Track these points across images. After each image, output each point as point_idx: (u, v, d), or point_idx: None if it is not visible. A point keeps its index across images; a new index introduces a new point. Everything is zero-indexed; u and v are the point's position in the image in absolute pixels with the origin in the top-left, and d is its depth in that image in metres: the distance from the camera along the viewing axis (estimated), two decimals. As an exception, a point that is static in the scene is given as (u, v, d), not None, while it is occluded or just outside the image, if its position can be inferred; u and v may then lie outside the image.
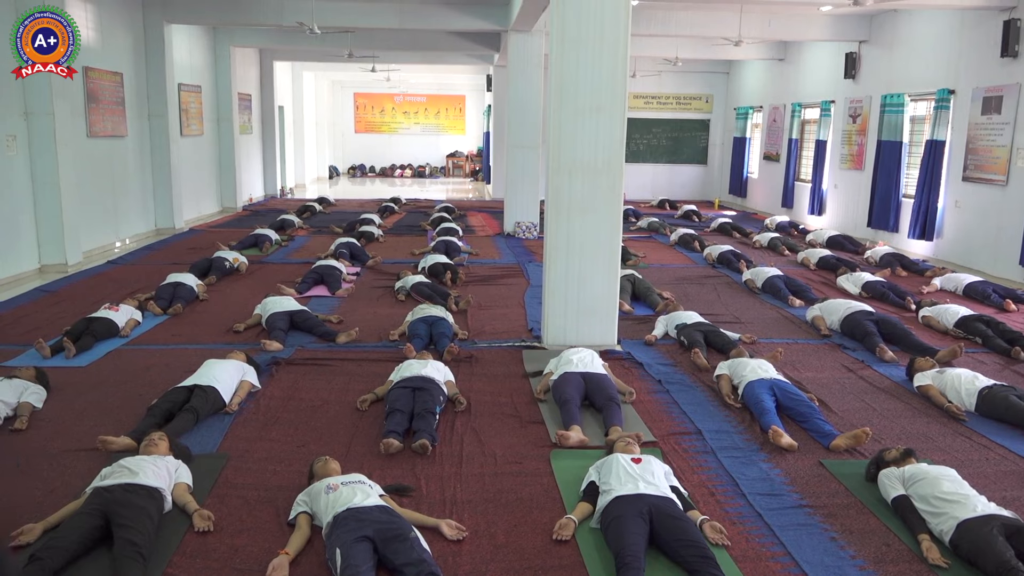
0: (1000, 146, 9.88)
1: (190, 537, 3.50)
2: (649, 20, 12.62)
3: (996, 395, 5.04)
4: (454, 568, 3.30)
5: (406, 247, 11.61)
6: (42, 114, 9.09)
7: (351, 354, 6.22)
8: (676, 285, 9.04)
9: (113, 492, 3.48)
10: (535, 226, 12.77)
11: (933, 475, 3.73)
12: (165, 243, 11.79)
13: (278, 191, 19.87)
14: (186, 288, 7.86)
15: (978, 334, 6.79)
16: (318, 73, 24.87)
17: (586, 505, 3.70)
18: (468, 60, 18.70)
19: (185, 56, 13.89)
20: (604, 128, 6.09)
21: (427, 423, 4.56)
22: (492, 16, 12.76)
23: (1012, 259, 9.65)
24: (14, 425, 4.64)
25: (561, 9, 5.98)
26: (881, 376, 5.92)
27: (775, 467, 4.31)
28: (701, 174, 20.17)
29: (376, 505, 3.42)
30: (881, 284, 8.51)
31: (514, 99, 12.65)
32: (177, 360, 5.92)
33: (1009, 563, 3.14)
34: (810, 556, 3.43)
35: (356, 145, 28.78)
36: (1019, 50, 9.57)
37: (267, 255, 10.79)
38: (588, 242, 6.26)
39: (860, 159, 13.32)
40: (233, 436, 4.62)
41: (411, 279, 8.40)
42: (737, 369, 5.39)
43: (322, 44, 15.05)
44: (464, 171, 28.48)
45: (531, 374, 5.80)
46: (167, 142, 12.64)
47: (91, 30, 10.52)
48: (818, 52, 15.01)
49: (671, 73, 18.99)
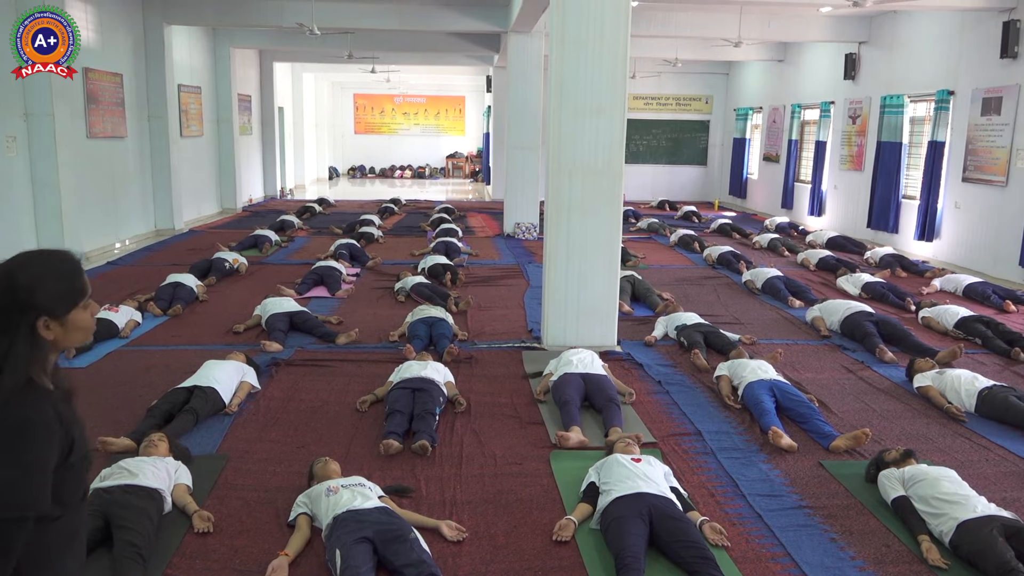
0: (1000, 147, 9.89)
1: (190, 538, 3.50)
2: (649, 21, 12.63)
3: (996, 396, 5.04)
4: (454, 569, 3.30)
5: (406, 248, 11.61)
6: (42, 115, 9.09)
7: (351, 355, 6.22)
8: (676, 286, 9.04)
9: (113, 493, 3.48)
10: (535, 227, 12.77)
11: (933, 476, 3.73)
12: (165, 244, 11.80)
13: (278, 192, 19.88)
14: (186, 289, 7.86)
15: (978, 335, 6.79)
16: (318, 74, 24.88)
17: (586, 506, 3.70)
18: (468, 61, 18.71)
19: (185, 57, 13.89)
20: (604, 129, 6.09)
21: (427, 424, 4.56)
22: (492, 17, 12.76)
23: (1012, 260, 9.65)
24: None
25: (561, 10, 5.98)
26: (881, 377, 5.92)
27: (775, 468, 4.31)
28: (701, 175, 20.18)
29: (376, 506, 3.42)
30: (881, 285, 8.51)
31: (514, 100, 12.65)
32: (177, 361, 5.92)
33: (1009, 564, 3.14)
34: (810, 557, 3.43)
35: (356, 146, 28.80)
36: (1019, 51, 9.57)
37: (267, 256, 10.79)
38: (588, 243, 6.26)
39: (860, 160, 13.33)
40: (233, 437, 4.62)
41: (411, 280, 8.40)
42: (737, 370, 5.39)
43: (322, 45, 15.05)
44: (464, 172, 28.50)
45: (531, 375, 5.80)
46: (167, 143, 12.64)
47: (91, 31, 10.52)
48: (818, 53, 15.02)
49: (671, 74, 19.00)
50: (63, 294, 1.76)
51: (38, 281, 1.72)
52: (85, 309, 1.81)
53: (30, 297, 1.71)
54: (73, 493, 1.79)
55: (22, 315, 1.71)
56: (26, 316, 1.71)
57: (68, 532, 1.81)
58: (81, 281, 1.80)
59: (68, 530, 1.80)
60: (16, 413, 1.67)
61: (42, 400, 1.72)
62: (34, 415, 1.68)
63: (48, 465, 1.70)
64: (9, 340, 1.69)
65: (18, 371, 1.69)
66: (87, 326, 1.82)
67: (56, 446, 1.71)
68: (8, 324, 1.70)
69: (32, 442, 1.67)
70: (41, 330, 1.73)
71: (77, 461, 1.77)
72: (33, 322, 1.72)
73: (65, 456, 1.74)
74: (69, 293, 1.77)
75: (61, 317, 1.75)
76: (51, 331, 1.75)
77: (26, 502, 1.66)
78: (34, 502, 1.67)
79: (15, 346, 1.69)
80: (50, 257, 1.80)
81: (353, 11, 12.60)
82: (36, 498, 1.67)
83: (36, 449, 1.67)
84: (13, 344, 1.69)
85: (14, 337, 1.70)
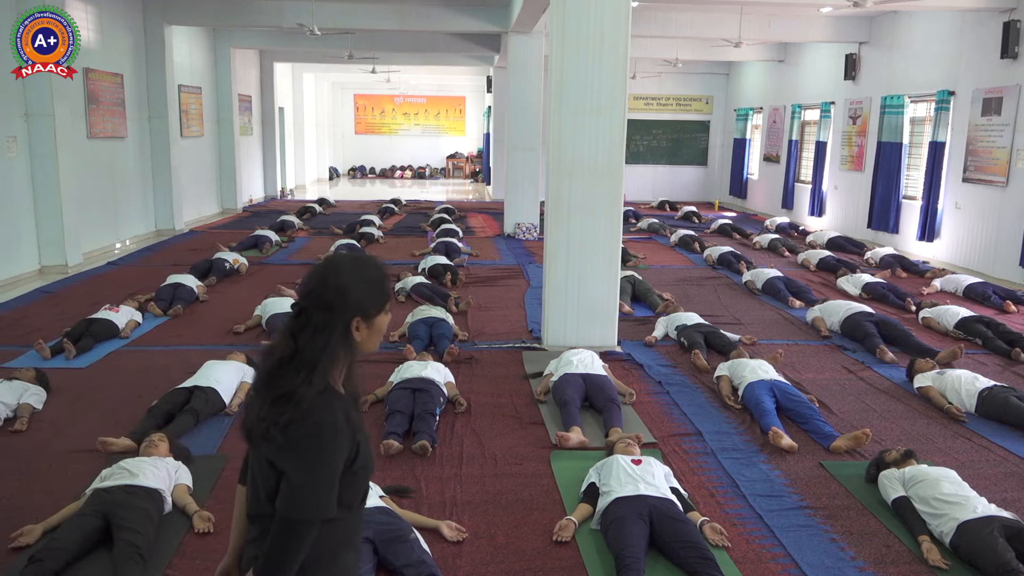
0: (1000, 147, 9.89)
1: (190, 538, 3.50)
2: (649, 21, 12.63)
3: (996, 396, 5.04)
4: (454, 569, 3.30)
5: (406, 248, 11.61)
6: (42, 115, 9.09)
7: (351, 355, 6.21)
8: (676, 286, 9.04)
9: (113, 493, 3.48)
10: (535, 227, 12.77)
11: (933, 476, 3.73)
12: (165, 244, 11.80)
13: (278, 192, 19.88)
14: (186, 289, 7.87)
15: (978, 335, 6.79)
16: (318, 74, 24.87)
17: (586, 506, 3.70)
18: (468, 61, 18.70)
19: (185, 57, 13.90)
20: (604, 129, 6.09)
21: (427, 424, 4.56)
22: (492, 17, 12.76)
23: (1012, 260, 9.65)
24: (14, 426, 4.64)
25: (561, 11, 5.98)
26: (881, 377, 5.92)
27: (775, 468, 4.31)
28: (701, 175, 20.17)
29: (376, 506, 3.42)
30: (881, 285, 8.51)
31: (514, 100, 12.65)
32: (177, 361, 5.92)
33: (1009, 564, 3.14)
34: (810, 557, 3.43)
35: (356, 146, 28.79)
36: (1019, 51, 9.57)
37: (267, 256, 10.79)
38: (588, 243, 6.26)
39: (860, 160, 13.33)
40: (233, 437, 4.61)
41: (411, 280, 8.40)
42: (737, 370, 5.39)
43: (322, 45, 15.05)
44: (464, 172, 28.49)
45: (531, 375, 5.80)
46: (167, 143, 12.65)
47: (91, 31, 10.52)
48: (818, 53, 15.02)
49: (671, 74, 18.99)
50: (376, 296, 1.81)
51: (356, 282, 1.77)
52: (387, 314, 1.86)
53: (349, 297, 1.75)
54: (354, 497, 1.83)
55: (341, 314, 1.75)
56: (344, 315, 1.75)
57: (347, 535, 1.85)
58: (388, 285, 1.87)
59: (346, 533, 1.85)
60: (313, 417, 1.70)
61: (336, 404, 1.75)
62: (329, 419, 1.72)
63: (337, 470, 1.73)
64: (325, 338, 1.73)
65: (327, 371, 1.74)
66: (383, 331, 1.87)
67: (344, 452, 1.75)
68: (327, 322, 1.74)
69: (326, 447, 1.71)
70: (353, 331, 1.77)
71: (360, 469, 1.80)
72: (349, 322, 1.76)
73: (351, 462, 1.77)
74: (381, 296, 1.83)
75: (372, 319, 1.80)
76: (360, 332, 1.79)
77: (317, 506, 1.70)
78: (324, 506, 1.71)
79: (330, 344, 1.74)
80: (363, 260, 1.85)
81: (353, 11, 12.61)
82: (326, 502, 1.72)
83: (328, 454, 1.71)
84: (328, 342, 1.74)
85: (330, 336, 1.74)
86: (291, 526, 1.70)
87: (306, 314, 1.75)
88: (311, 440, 1.69)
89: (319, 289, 1.76)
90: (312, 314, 1.74)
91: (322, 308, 1.74)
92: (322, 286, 1.75)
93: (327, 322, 1.73)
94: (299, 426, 1.69)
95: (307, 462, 1.69)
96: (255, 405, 1.76)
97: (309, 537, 1.71)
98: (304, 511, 1.70)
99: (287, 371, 1.72)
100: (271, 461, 1.74)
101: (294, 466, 1.70)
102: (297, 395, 1.69)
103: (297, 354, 1.72)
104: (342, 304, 1.75)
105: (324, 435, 1.70)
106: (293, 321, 1.77)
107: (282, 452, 1.71)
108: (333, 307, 1.74)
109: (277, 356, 1.74)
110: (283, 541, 1.70)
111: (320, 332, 1.73)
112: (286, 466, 1.71)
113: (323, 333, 1.73)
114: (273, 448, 1.72)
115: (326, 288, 1.75)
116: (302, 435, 1.69)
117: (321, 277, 1.77)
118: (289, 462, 1.71)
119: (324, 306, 1.74)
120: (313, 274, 1.80)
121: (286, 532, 1.70)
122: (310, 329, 1.73)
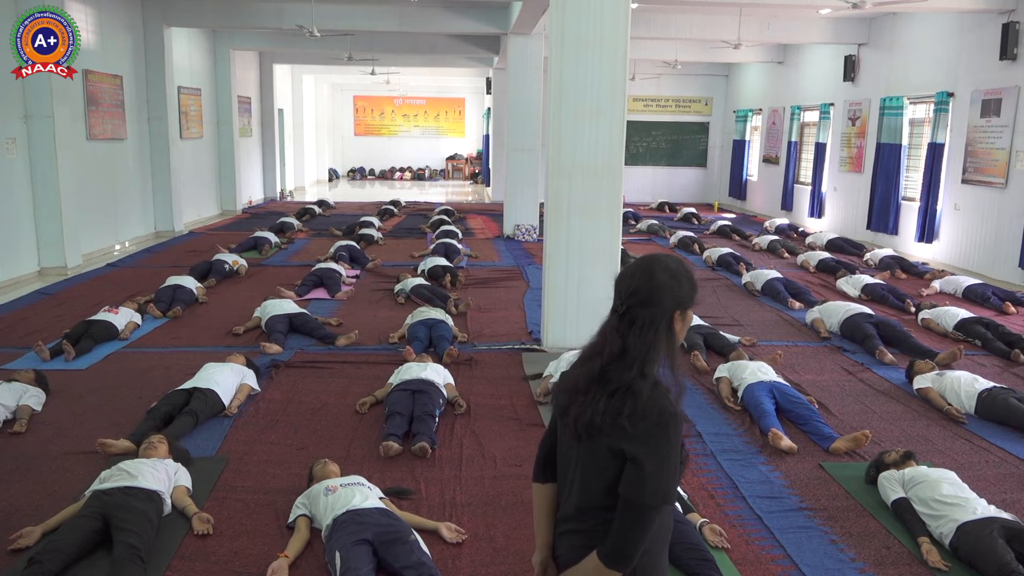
0: (999, 148, 9.89)
1: (189, 540, 3.49)
2: (648, 23, 12.64)
3: (996, 398, 5.04)
4: (454, 571, 3.30)
5: (406, 250, 11.61)
6: (42, 117, 9.10)
7: (350, 357, 6.22)
8: (676, 288, 9.03)
9: (112, 495, 3.48)
10: (535, 229, 12.78)
11: (933, 478, 3.73)
12: (165, 246, 11.80)
13: (278, 194, 19.88)
14: (185, 291, 7.86)
15: (978, 337, 6.79)
16: (318, 76, 24.89)
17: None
18: (468, 63, 18.72)
19: (185, 59, 13.90)
20: (604, 131, 6.09)
21: (427, 426, 4.55)
22: (491, 19, 12.77)
23: (1011, 261, 9.66)
24: (13, 428, 4.64)
25: (561, 12, 5.98)
26: (881, 379, 5.92)
27: (775, 470, 4.31)
28: (700, 177, 20.18)
29: (376, 507, 3.42)
30: (881, 287, 8.51)
31: (514, 102, 12.66)
32: (176, 363, 5.92)
33: (1009, 565, 3.14)
34: (810, 559, 3.43)
35: (356, 148, 28.80)
36: (1018, 53, 9.58)
37: (267, 258, 10.79)
38: (588, 245, 6.26)
39: (859, 162, 13.33)
40: (232, 439, 4.61)
41: (411, 282, 8.39)
42: (737, 371, 5.39)
43: (322, 47, 15.06)
44: (464, 174, 28.50)
45: (531, 377, 5.80)
46: (167, 145, 12.65)
47: (91, 33, 10.52)
48: (817, 55, 15.03)
49: (670, 76, 19.00)
50: (691, 289, 1.89)
51: (672, 278, 1.86)
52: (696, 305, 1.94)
53: (671, 293, 1.85)
54: (676, 487, 1.92)
55: (665, 309, 1.83)
56: (667, 310, 1.83)
57: (669, 526, 1.96)
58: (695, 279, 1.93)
59: (669, 524, 1.96)
60: (657, 407, 1.78)
61: (669, 394, 1.82)
62: (671, 408, 1.80)
63: (677, 459, 1.81)
64: (652, 333, 1.81)
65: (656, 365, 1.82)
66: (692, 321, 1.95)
67: (680, 440, 1.83)
68: (653, 318, 1.82)
69: (671, 436, 1.79)
70: (675, 323, 1.85)
71: (682, 461, 1.88)
72: (671, 316, 1.84)
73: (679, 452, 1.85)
74: (693, 288, 1.90)
75: (687, 311, 1.88)
76: (679, 324, 1.87)
77: (667, 492, 1.78)
78: (671, 492, 1.80)
79: (657, 339, 1.82)
80: (667, 258, 1.92)
81: (353, 13, 12.62)
82: (672, 489, 1.80)
83: (674, 442, 1.79)
84: (656, 337, 1.82)
85: (657, 331, 1.82)
86: (643, 512, 1.77)
87: (631, 313, 1.83)
88: (659, 429, 1.78)
89: (645, 289, 1.83)
90: (638, 312, 1.82)
91: (648, 306, 1.82)
92: (646, 286, 1.83)
93: (653, 318, 1.82)
94: (645, 416, 1.77)
95: (658, 450, 1.77)
96: (590, 401, 1.82)
97: (655, 523, 1.80)
98: (656, 496, 1.76)
99: (618, 367, 1.81)
100: (616, 451, 1.80)
101: (646, 453, 1.76)
102: (635, 388, 1.79)
103: (626, 351, 1.81)
104: (670, 299, 1.83)
105: (669, 424, 1.78)
106: (618, 321, 1.84)
107: (631, 441, 1.78)
108: (658, 304, 1.82)
109: (607, 355, 1.83)
110: (633, 527, 1.78)
111: (647, 328, 1.81)
112: (638, 454, 1.77)
113: (650, 329, 1.81)
114: (621, 437, 1.78)
115: (651, 287, 1.83)
116: (650, 424, 1.78)
117: (645, 277, 1.85)
118: (641, 450, 1.77)
119: (650, 304, 1.82)
120: (629, 277, 1.87)
121: (636, 518, 1.78)
122: (637, 326, 1.82)
